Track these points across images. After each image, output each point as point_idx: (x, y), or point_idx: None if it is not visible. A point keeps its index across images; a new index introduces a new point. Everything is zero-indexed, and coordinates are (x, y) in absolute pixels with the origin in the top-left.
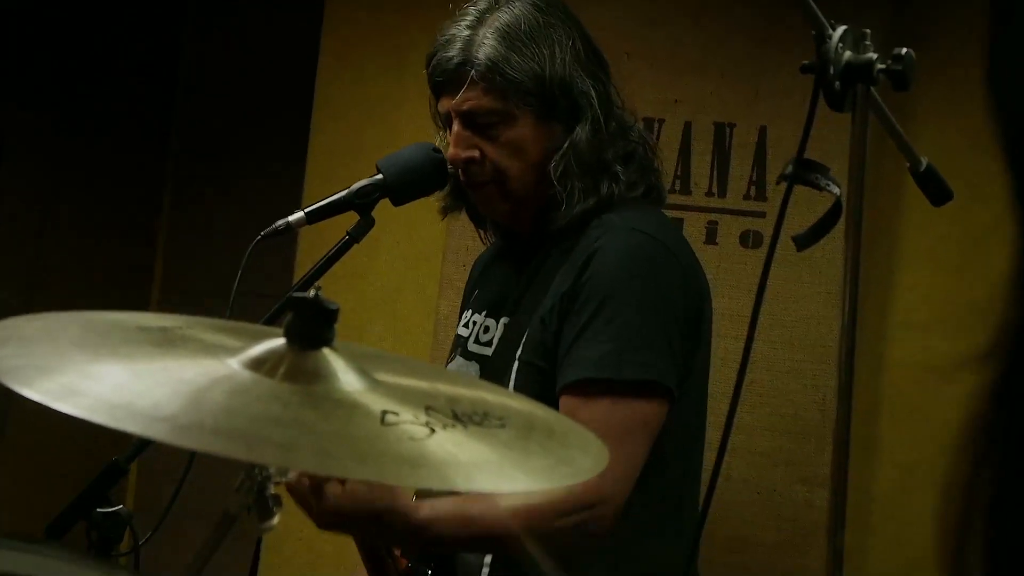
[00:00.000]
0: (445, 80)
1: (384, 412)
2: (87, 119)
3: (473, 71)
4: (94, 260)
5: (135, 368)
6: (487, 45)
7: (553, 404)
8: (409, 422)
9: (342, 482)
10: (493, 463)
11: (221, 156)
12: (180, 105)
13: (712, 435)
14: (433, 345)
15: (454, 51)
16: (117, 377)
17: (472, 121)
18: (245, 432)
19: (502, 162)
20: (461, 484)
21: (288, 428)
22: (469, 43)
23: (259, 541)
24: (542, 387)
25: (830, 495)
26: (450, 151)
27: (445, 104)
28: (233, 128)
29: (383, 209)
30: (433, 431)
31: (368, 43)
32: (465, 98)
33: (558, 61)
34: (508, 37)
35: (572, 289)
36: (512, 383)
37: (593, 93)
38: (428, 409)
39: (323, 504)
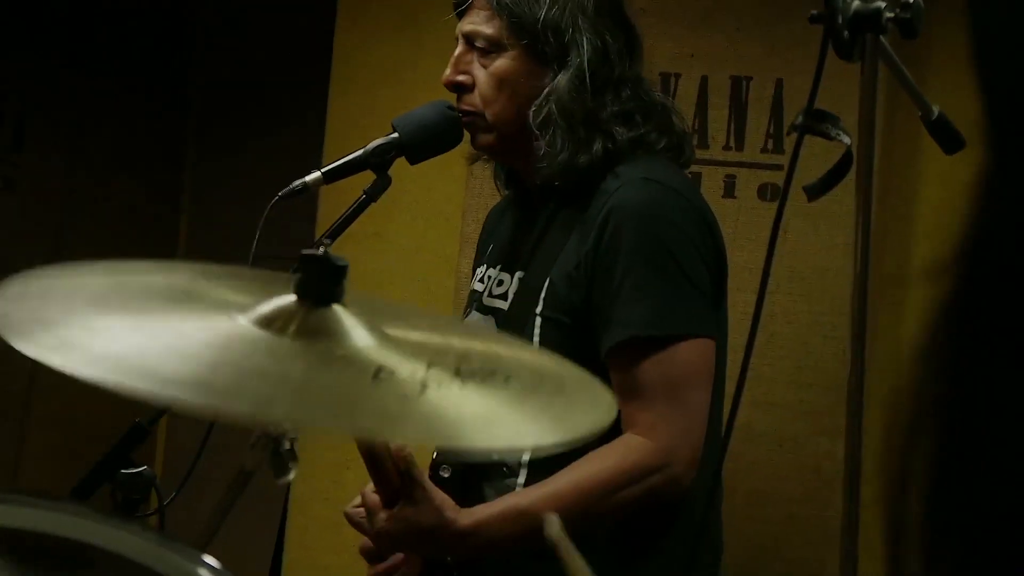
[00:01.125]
0: (458, 2)
1: (379, 368)
2: (107, 82)
3: None
4: (119, 223)
5: (140, 324)
6: None
7: (578, 360)
8: (404, 379)
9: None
10: (482, 419)
11: (242, 116)
12: (199, 66)
13: (732, 387)
14: (454, 303)
15: None
16: (118, 332)
17: (471, 45)
18: (224, 386)
19: (487, 92)
20: (445, 440)
21: (270, 382)
22: None
23: (286, 503)
24: (565, 342)
25: (845, 445)
26: (445, 72)
27: (458, 25)
28: (253, 88)
29: (401, 169)
30: (426, 387)
31: (384, 3)
32: (468, 21)
33: (558, 7)
34: None
35: (596, 247)
36: (536, 339)
37: (586, 44)
38: (431, 365)
39: (375, 529)
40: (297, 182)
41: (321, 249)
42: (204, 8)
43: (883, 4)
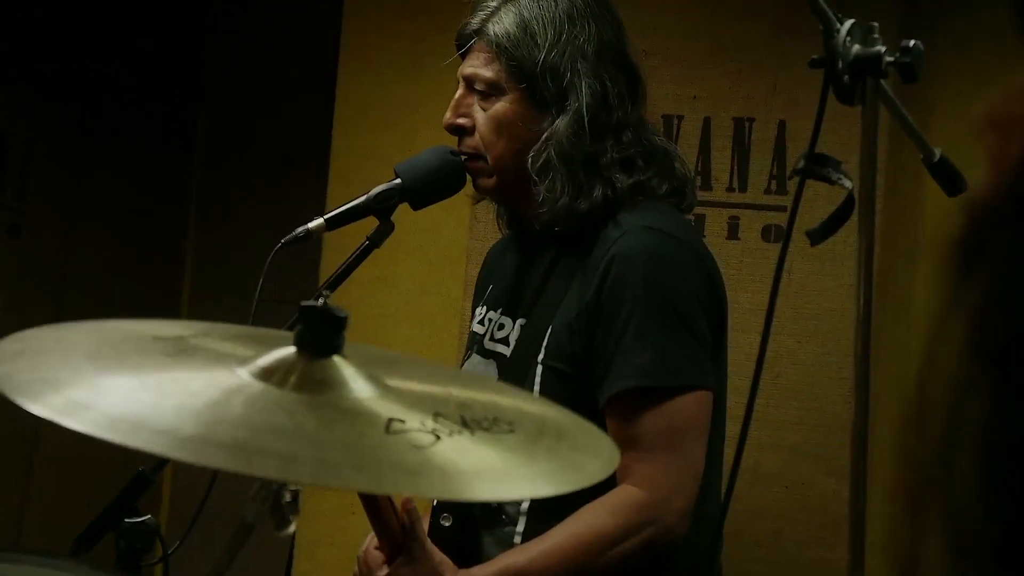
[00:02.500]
0: (460, 44)
1: (390, 420)
2: (112, 127)
3: (481, 40)
4: (123, 268)
5: (144, 380)
6: (504, 21)
7: (578, 409)
8: (415, 430)
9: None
10: (496, 470)
11: (246, 161)
12: (204, 112)
13: (736, 429)
14: (459, 346)
15: (476, 19)
16: (124, 390)
17: (471, 88)
18: (245, 444)
19: (487, 135)
20: (463, 493)
21: (288, 439)
22: (491, 15)
23: (292, 547)
24: (566, 391)
25: (850, 487)
26: (446, 114)
27: (459, 68)
28: (257, 133)
29: (405, 213)
30: (439, 438)
31: (387, 47)
32: (469, 63)
33: (558, 51)
34: (524, 18)
35: (597, 296)
36: (537, 387)
37: (585, 88)
38: (437, 415)
39: None
40: (300, 229)
41: (320, 300)
42: (208, 55)
43: (883, 48)
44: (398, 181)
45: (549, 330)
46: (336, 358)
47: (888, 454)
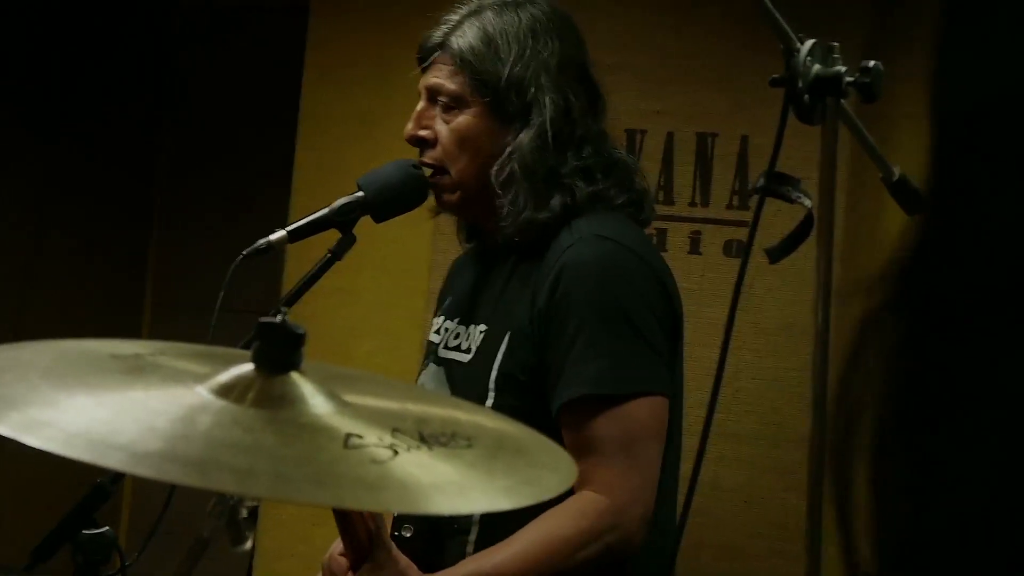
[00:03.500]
0: (422, 57)
1: (348, 435)
2: (74, 141)
3: (444, 53)
4: (85, 283)
5: (101, 398)
6: (468, 35)
7: (533, 416)
8: (373, 445)
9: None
10: (454, 484)
11: (209, 174)
12: (167, 125)
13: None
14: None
15: (439, 32)
16: (82, 407)
17: (434, 100)
18: (202, 459)
19: (449, 148)
20: (422, 507)
21: (246, 454)
22: (453, 28)
23: (251, 560)
24: (522, 398)
25: (807, 503)
26: (407, 126)
27: (421, 80)
28: (221, 146)
29: (368, 226)
30: (397, 453)
31: (351, 59)
32: (432, 75)
33: (521, 65)
34: (488, 32)
35: (548, 304)
36: (492, 394)
37: (548, 103)
38: (395, 431)
39: None
40: (261, 241)
41: (278, 316)
42: (172, 68)
43: (843, 68)
44: (360, 194)
45: (506, 337)
46: (294, 374)
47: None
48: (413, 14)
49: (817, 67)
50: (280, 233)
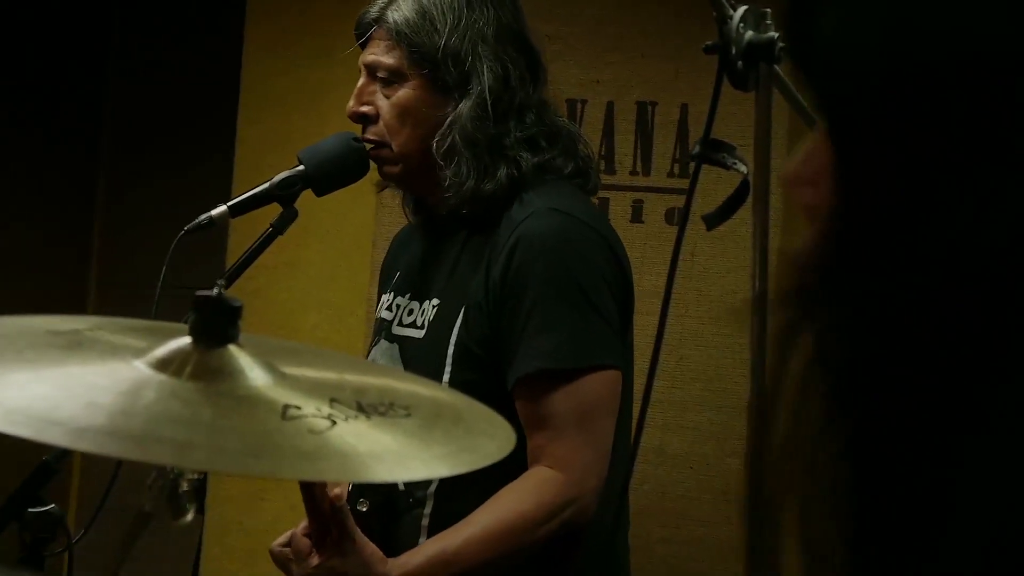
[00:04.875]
0: (360, 33)
1: (286, 407)
2: (14, 120)
3: (380, 28)
4: (29, 262)
5: (39, 373)
6: (403, 8)
7: (489, 389)
8: (311, 415)
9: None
10: (393, 453)
11: (153, 149)
12: (110, 100)
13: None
14: (366, 332)
15: (375, 8)
16: (20, 383)
17: (374, 75)
18: (139, 433)
19: (391, 122)
20: (360, 475)
21: (185, 427)
22: (390, 3)
23: (200, 533)
24: (478, 372)
25: (745, 465)
26: (348, 104)
27: (361, 56)
28: (164, 120)
29: (312, 200)
30: (335, 423)
31: (294, 31)
32: (370, 51)
33: (458, 35)
34: (423, 5)
35: (503, 278)
36: (448, 368)
37: (486, 72)
38: (333, 401)
39: (300, 575)
40: (203, 216)
41: (215, 290)
42: (112, 42)
43: (776, 34)
44: (301, 168)
45: (462, 311)
46: (232, 347)
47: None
48: None
49: (750, 33)
50: (221, 208)
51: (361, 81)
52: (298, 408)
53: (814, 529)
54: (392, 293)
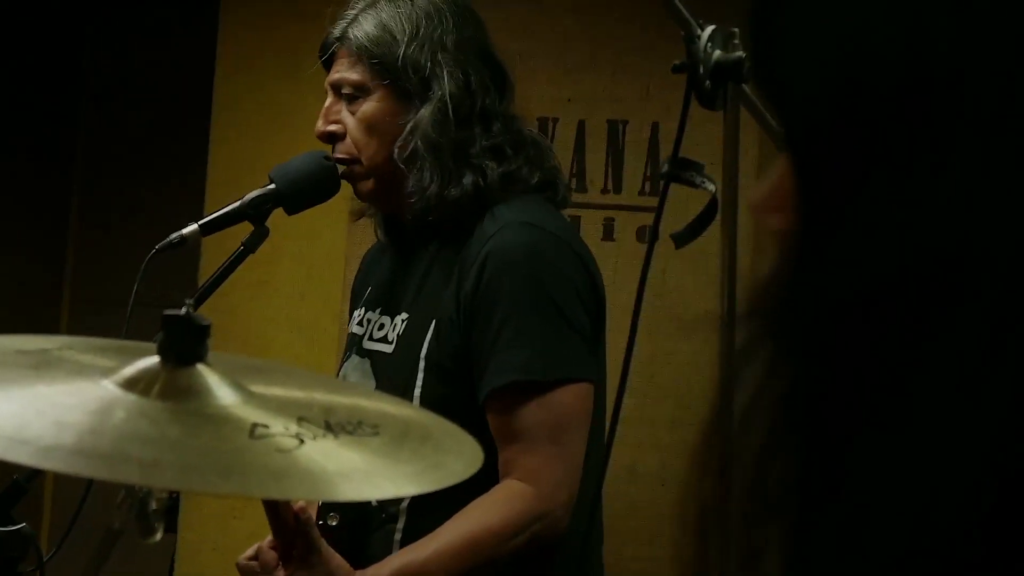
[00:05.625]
0: (323, 53)
1: (254, 425)
2: None
3: (343, 47)
4: (2, 277)
5: (7, 393)
6: (364, 25)
7: (460, 405)
8: (279, 434)
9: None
10: (361, 471)
11: (126, 168)
12: (83, 120)
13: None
14: (338, 350)
15: (338, 28)
16: None
17: (339, 93)
18: (107, 452)
19: (358, 137)
20: (328, 494)
21: (153, 446)
22: (351, 22)
23: (173, 552)
24: (450, 386)
25: (713, 484)
26: (317, 124)
27: (326, 78)
28: (137, 140)
29: (284, 219)
30: (303, 442)
31: (264, 51)
32: (335, 70)
33: (416, 44)
34: (383, 19)
35: (474, 291)
36: (420, 382)
37: (446, 77)
38: (301, 420)
39: None
40: (174, 235)
41: (183, 309)
42: (86, 60)
43: (743, 54)
44: (272, 186)
45: (432, 325)
46: (200, 366)
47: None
48: (324, 6)
49: (718, 53)
50: (192, 227)
51: (328, 101)
52: (266, 427)
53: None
54: (363, 308)
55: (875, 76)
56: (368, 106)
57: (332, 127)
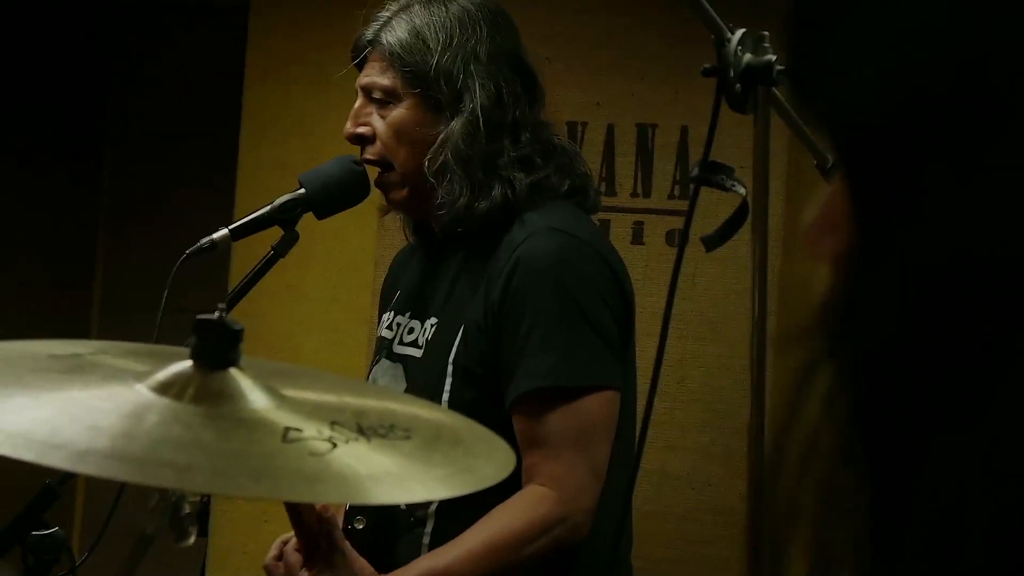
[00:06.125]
0: (355, 55)
1: (287, 429)
2: (18, 143)
3: (375, 50)
4: (33, 283)
5: (40, 398)
6: (397, 30)
7: (488, 409)
8: (312, 438)
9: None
10: (393, 475)
11: (155, 173)
12: (111, 125)
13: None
14: (367, 354)
15: (370, 30)
16: (22, 407)
17: (369, 97)
18: (141, 456)
19: (388, 142)
20: (360, 497)
21: (185, 450)
22: (384, 25)
23: (204, 557)
24: (477, 391)
25: (748, 486)
26: (345, 125)
27: (357, 79)
28: (166, 145)
29: (313, 222)
30: (335, 446)
31: (292, 57)
32: (365, 73)
33: (450, 54)
34: (416, 25)
35: (503, 298)
36: (448, 387)
37: (478, 90)
38: (333, 424)
39: None
40: (205, 240)
41: (216, 313)
42: (113, 67)
43: (774, 57)
44: (302, 191)
45: (460, 330)
46: (233, 370)
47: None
48: (353, 12)
49: (748, 56)
50: (223, 232)
51: (358, 103)
52: (299, 431)
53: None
54: (392, 312)
55: (933, 84)
56: (398, 113)
57: (361, 129)
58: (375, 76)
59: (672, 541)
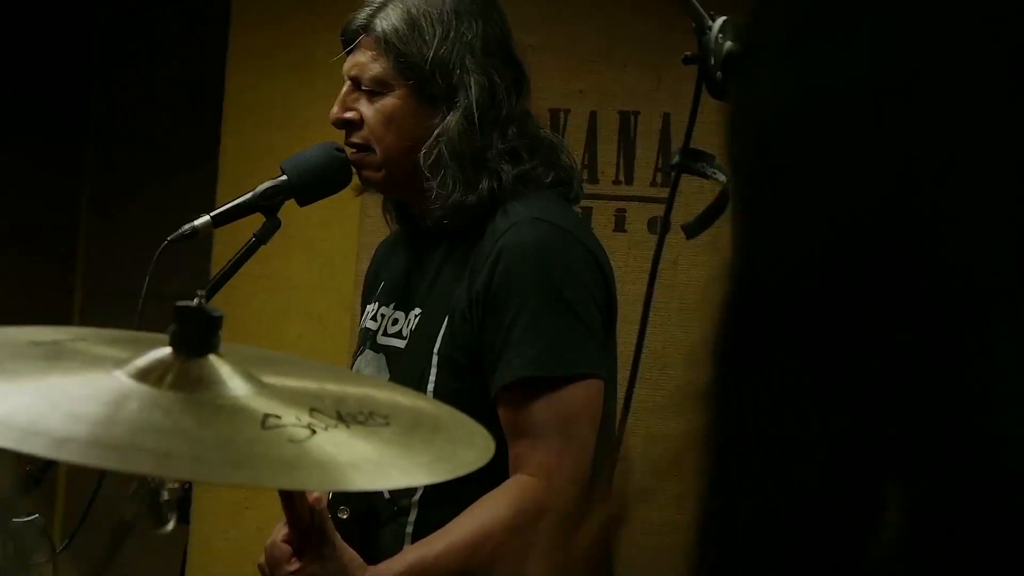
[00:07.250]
0: (346, 40)
1: (266, 416)
2: None
3: (368, 36)
4: (14, 271)
5: (20, 384)
6: (392, 17)
7: (472, 399)
8: (291, 425)
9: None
10: (372, 462)
11: (137, 161)
12: (93, 112)
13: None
14: (350, 342)
15: (363, 15)
16: (2, 394)
17: (358, 83)
18: (121, 443)
19: (376, 129)
20: (340, 484)
21: (165, 437)
22: (377, 11)
23: (185, 543)
24: (462, 382)
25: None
26: (332, 109)
27: (345, 64)
28: (148, 132)
29: (296, 210)
30: (314, 432)
31: (275, 44)
32: (355, 62)
33: (446, 47)
34: (412, 14)
35: (487, 288)
36: (432, 377)
37: (474, 85)
38: (313, 410)
39: None
40: (186, 227)
41: (196, 300)
42: (96, 52)
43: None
44: (284, 178)
45: (445, 320)
46: (212, 357)
47: None
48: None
49: (729, 44)
50: (204, 218)
51: (345, 88)
52: (278, 417)
53: None
54: (377, 303)
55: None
56: (388, 101)
57: (349, 114)
58: (366, 63)
59: (654, 528)
